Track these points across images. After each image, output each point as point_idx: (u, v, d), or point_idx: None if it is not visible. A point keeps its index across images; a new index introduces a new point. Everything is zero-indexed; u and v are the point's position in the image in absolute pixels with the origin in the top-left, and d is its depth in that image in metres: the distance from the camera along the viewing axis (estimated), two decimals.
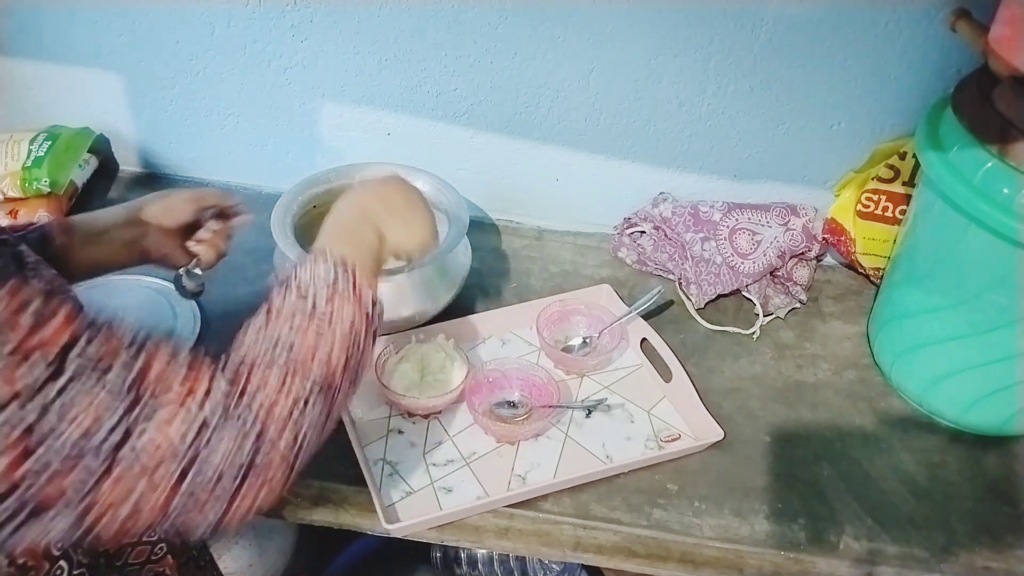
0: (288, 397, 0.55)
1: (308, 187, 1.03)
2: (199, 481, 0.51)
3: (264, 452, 0.53)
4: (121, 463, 0.48)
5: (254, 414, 0.53)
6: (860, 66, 1.01)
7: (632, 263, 1.16)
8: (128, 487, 0.49)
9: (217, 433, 0.51)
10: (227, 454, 0.51)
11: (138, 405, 0.49)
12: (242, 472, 0.52)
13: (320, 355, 0.58)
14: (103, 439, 0.47)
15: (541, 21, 1.02)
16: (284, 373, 0.55)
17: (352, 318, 0.61)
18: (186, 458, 0.50)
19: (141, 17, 1.09)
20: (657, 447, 0.90)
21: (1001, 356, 0.88)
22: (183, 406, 0.50)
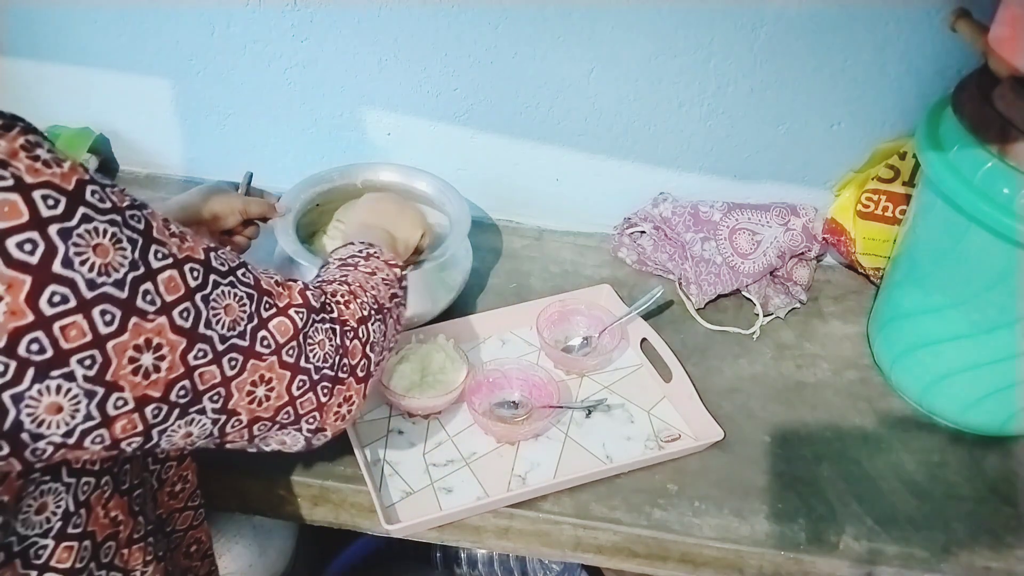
0: (356, 303, 0.66)
1: (311, 186, 1.03)
2: (312, 359, 0.60)
3: (350, 338, 0.63)
4: (263, 342, 0.57)
5: (338, 311, 0.64)
6: (860, 66, 1.01)
7: (632, 263, 1.16)
8: (267, 363, 0.57)
9: (319, 321, 0.61)
10: (326, 333, 0.62)
11: (262, 300, 0.58)
12: (337, 352, 0.62)
13: (370, 285, 0.70)
14: (247, 323, 0.56)
15: (541, 21, 1.02)
16: (349, 290, 0.67)
17: (385, 272, 0.74)
18: (301, 335, 0.59)
19: (141, 17, 1.09)
20: (657, 447, 0.90)
21: (1001, 356, 0.88)
22: (289, 300, 0.60)
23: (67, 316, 0.45)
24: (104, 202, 0.48)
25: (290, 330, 0.59)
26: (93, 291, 0.46)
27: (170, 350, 0.51)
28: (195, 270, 0.53)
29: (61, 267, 0.45)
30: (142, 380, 0.49)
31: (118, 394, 0.49)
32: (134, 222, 0.50)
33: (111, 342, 0.47)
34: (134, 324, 0.48)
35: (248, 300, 0.56)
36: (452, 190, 1.04)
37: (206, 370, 0.53)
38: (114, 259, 0.47)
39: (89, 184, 0.47)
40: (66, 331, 0.45)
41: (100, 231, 0.47)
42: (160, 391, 0.51)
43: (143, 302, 0.49)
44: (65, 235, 0.45)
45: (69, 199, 0.46)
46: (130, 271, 0.48)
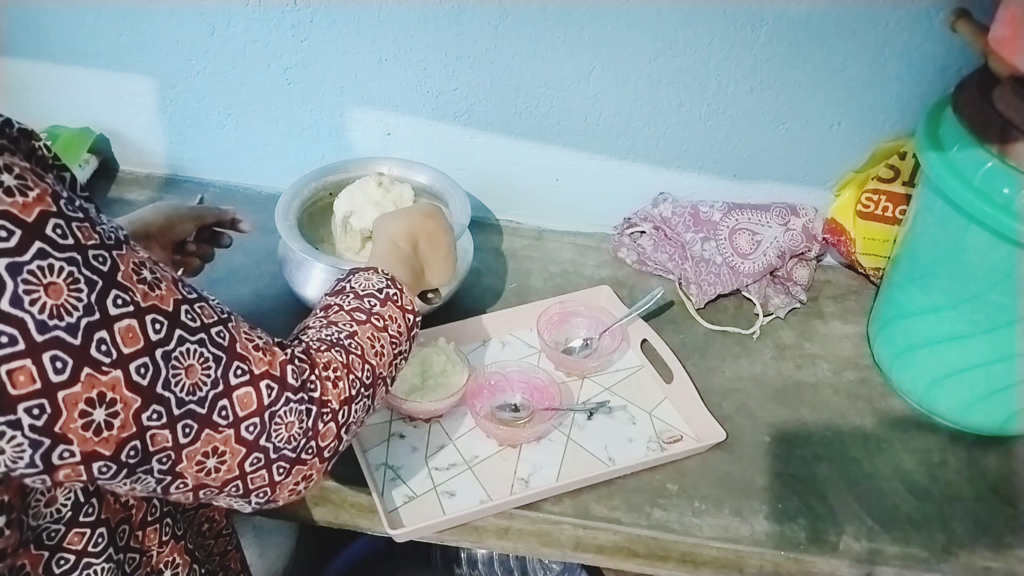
0: (350, 376, 0.62)
1: (313, 179, 1.04)
2: (273, 438, 0.56)
3: (325, 420, 0.59)
4: (221, 412, 0.53)
5: (322, 385, 0.59)
6: (860, 66, 1.01)
7: (632, 263, 1.16)
8: (222, 436, 0.53)
9: (293, 400, 0.57)
10: (298, 415, 0.57)
11: (232, 365, 0.54)
12: (306, 435, 0.58)
13: (376, 347, 0.66)
14: (209, 389, 0.52)
15: (541, 21, 1.02)
16: (348, 356, 0.63)
17: (399, 323, 0.69)
18: (267, 413, 0.55)
19: (141, 17, 1.09)
20: (659, 448, 0.90)
21: (1001, 356, 0.88)
22: (266, 370, 0.56)
23: (15, 360, 0.43)
24: (66, 238, 0.45)
25: (253, 404, 0.54)
26: (44, 334, 0.43)
27: (124, 408, 0.47)
28: (158, 322, 0.49)
29: (9, 306, 0.42)
30: (92, 436, 0.47)
31: (65, 446, 0.46)
32: (97, 263, 0.47)
33: (61, 392, 0.45)
34: (87, 375, 0.45)
35: (215, 363, 0.53)
36: (454, 184, 1.05)
37: (158, 433, 0.50)
38: (67, 300, 0.44)
39: (53, 217, 0.44)
40: (13, 376, 0.43)
41: (55, 269, 0.44)
42: (110, 450, 0.48)
43: (97, 352, 0.46)
44: (15, 271, 0.42)
45: (25, 232, 0.43)
46: (84, 316, 0.45)
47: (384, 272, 0.72)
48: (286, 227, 0.96)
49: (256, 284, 1.06)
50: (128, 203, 1.20)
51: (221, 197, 1.22)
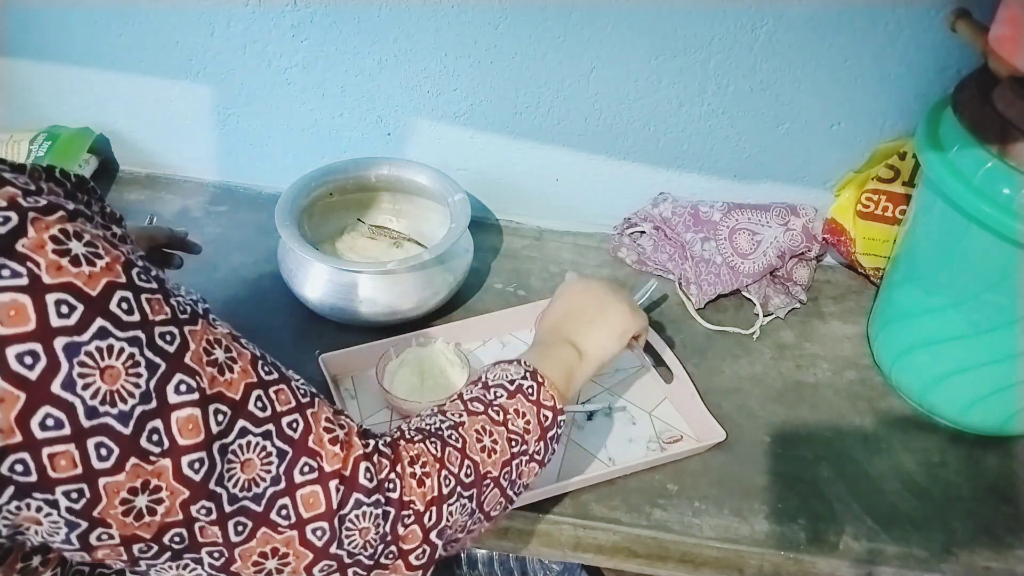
0: (442, 472, 0.56)
1: (313, 179, 1.04)
2: (346, 545, 0.51)
3: (407, 524, 0.54)
4: (281, 511, 0.48)
5: (403, 484, 0.54)
6: (860, 66, 1.01)
7: (632, 263, 1.16)
8: (283, 537, 0.49)
9: (365, 498, 0.52)
10: (373, 519, 0.52)
11: (299, 460, 0.49)
12: (383, 540, 0.53)
13: (485, 441, 0.59)
14: (268, 485, 0.48)
15: (541, 21, 1.02)
16: (444, 448, 0.57)
17: (527, 419, 0.62)
18: (336, 518, 0.50)
19: (141, 17, 1.09)
20: (659, 449, 0.90)
21: (1001, 356, 0.88)
22: (338, 468, 0.51)
23: (59, 444, 0.40)
24: (132, 313, 0.42)
25: (321, 506, 0.49)
26: (92, 420, 0.41)
27: (169, 496, 0.44)
28: (221, 412, 0.46)
29: (61, 388, 0.40)
30: (133, 521, 0.44)
31: (103, 529, 0.44)
32: (163, 342, 0.43)
33: (103, 479, 0.42)
34: (133, 465, 0.43)
35: (279, 458, 0.48)
36: (451, 182, 1.05)
37: (208, 527, 0.46)
38: (123, 386, 0.42)
39: (121, 289, 0.42)
40: (55, 459, 0.40)
41: (115, 350, 0.41)
42: (152, 533, 0.45)
43: (148, 442, 0.43)
44: (72, 351, 0.40)
45: (87, 307, 0.40)
46: (140, 404, 0.42)
47: (524, 364, 0.66)
48: (286, 227, 0.96)
49: (256, 284, 1.06)
50: (128, 203, 1.21)
51: (221, 197, 1.22)
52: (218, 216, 1.19)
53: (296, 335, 0.99)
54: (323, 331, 0.98)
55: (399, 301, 0.96)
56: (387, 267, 0.94)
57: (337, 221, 1.11)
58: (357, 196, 1.11)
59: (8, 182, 0.40)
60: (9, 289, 0.38)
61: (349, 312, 0.96)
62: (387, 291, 0.96)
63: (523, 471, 0.63)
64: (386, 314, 0.96)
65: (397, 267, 0.94)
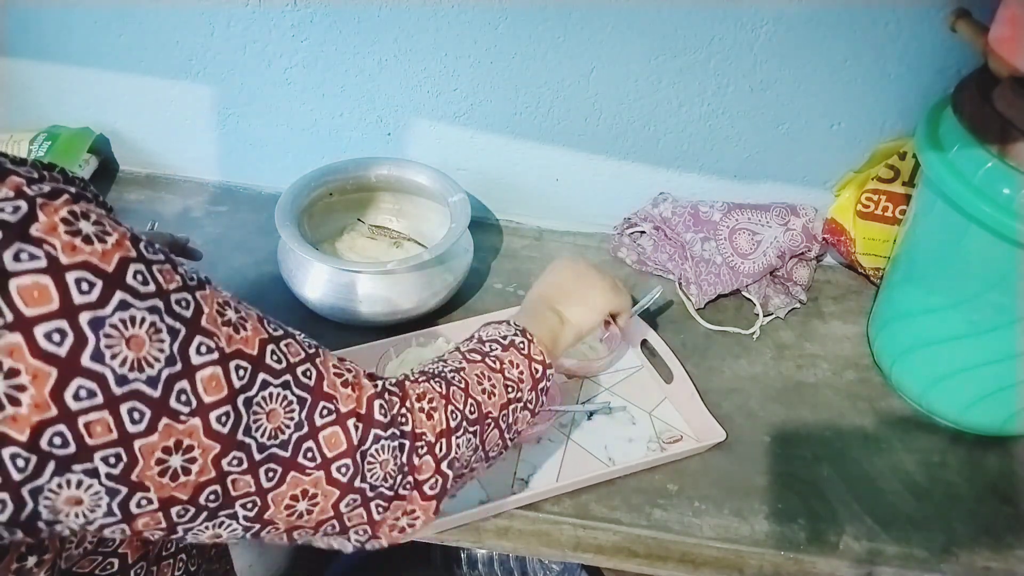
0: (448, 407, 0.59)
1: (313, 180, 1.04)
2: (369, 478, 0.54)
3: (420, 454, 0.57)
4: (307, 454, 0.51)
5: (414, 418, 0.57)
6: (860, 66, 1.01)
7: (632, 263, 1.16)
8: (311, 479, 0.51)
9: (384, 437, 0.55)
10: (391, 451, 0.55)
11: (318, 405, 0.52)
12: (401, 470, 0.56)
13: (485, 385, 0.63)
14: (292, 431, 0.50)
15: (541, 21, 1.02)
16: (449, 387, 0.60)
17: (520, 369, 0.66)
18: (358, 453, 0.53)
19: (141, 17, 1.09)
20: (659, 449, 0.90)
21: (1001, 356, 0.88)
22: (353, 407, 0.54)
23: (93, 412, 0.42)
24: (147, 284, 0.44)
25: (343, 444, 0.53)
26: (123, 387, 0.43)
27: (202, 453, 0.46)
28: (242, 368, 0.48)
29: (90, 360, 0.42)
30: (169, 482, 0.46)
31: (142, 494, 0.45)
32: (179, 308, 0.45)
33: (138, 441, 0.44)
34: (165, 425, 0.45)
35: (299, 405, 0.51)
36: (451, 182, 1.05)
37: (240, 478, 0.49)
38: (149, 352, 0.43)
39: (133, 263, 0.43)
40: (91, 427, 0.42)
41: (137, 320, 0.43)
42: (188, 494, 0.47)
43: (177, 402, 0.45)
44: (97, 325, 0.42)
45: (106, 282, 0.42)
46: (166, 367, 0.44)
47: (515, 323, 0.70)
48: (286, 227, 0.96)
49: (256, 284, 1.06)
50: (128, 203, 1.21)
51: (221, 197, 1.22)
52: (218, 216, 1.19)
53: None
54: (323, 331, 0.98)
55: (399, 301, 0.96)
56: (387, 267, 0.94)
57: (337, 221, 1.11)
58: (357, 196, 1.11)
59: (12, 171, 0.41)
60: (30, 272, 0.39)
61: (349, 312, 0.96)
62: (387, 291, 0.96)
63: (518, 417, 0.66)
64: (386, 314, 0.96)
65: (397, 267, 0.94)
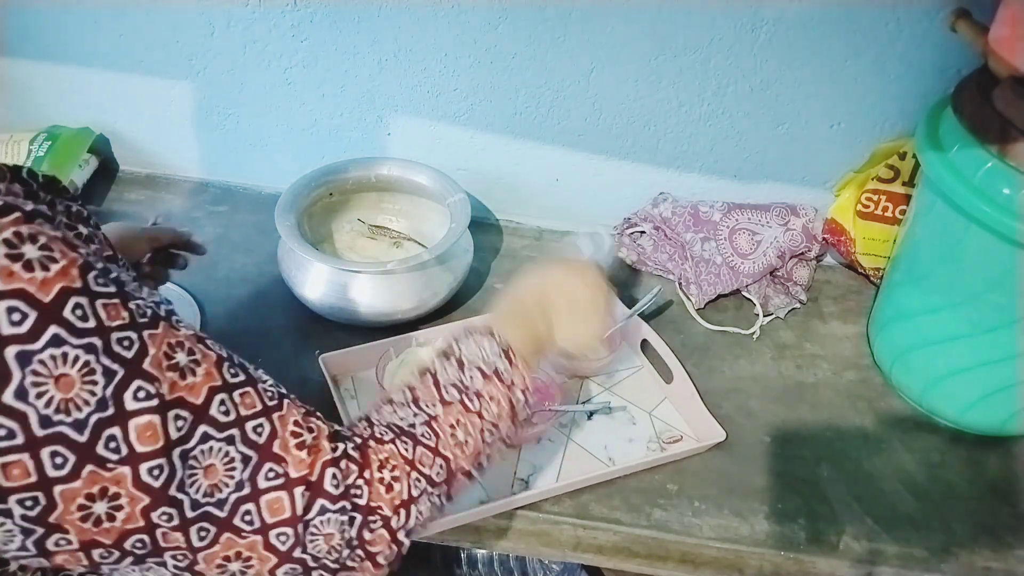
0: (412, 475, 0.55)
1: (313, 180, 1.04)
2: (310, 549, 0.50)
3: (373, 528, 0.53)
4: (244, 517, 0.48)
5: (371, 491, 0.53)
6: (860, 66, 1.01)
7: (632, 263, 1.16)
8: (247, 542, 0.48)
9: (330, 504, 0.51)
10: (338, 525, 0.51)
11: (263, 466, 0.48)
12: (350, 545, 0.52)
13: (459, 436, 0.58)
14: (231, 491, 0.47)
15: (541, 21, 1.02)
16: (415, 448, 0.56)
17: (499, 403, 0.61)
18: (300, 524, 0.50)
19: (141, 17, 1.09)
20: (659, 449, 0.90)
21: (1001, 356, 0.88)
22: (305, 474, 0.50)
23: (11, 453, 0.40)
24: (86, 320, 0.41)
25: (285, 512, 0.49)
26: (46, 430, 0.40)
27: (129, 503, 0.44)
28: (181, 418, 0.45)
29: (13, 398, 0.39)
30: (92, 527, 0.43)
31: (60, 535, 0.43)
32: (120, 348, 0.43)
33: (59, 487, 0.42)
34: (89, 472, 0.42)
35: (243, 464, 0.48)
36: (452, 182, 1.05)
37: (170, 533, 0.46)
38: (79, 394, 0.41)
39: (75, 295, 0.41)
40: (8, 469, 0.40)
41: (69, 359, 0.41)
42: (112, 539, 0.45)
43: (105, 449, 0.42)
44: (24, 360, 0.39)
45: (40, 314, 0.40)
46: (96, 411, 0.42)
47: (500, 338, 0.62)
48: (286, 227, 0.96)
49: (256, 285, 1.06)
50: (128, 203, 1.20)
51: (221, 197, 1.22)
52: (218, 216, 1.19)
53: (296, 335, 0.99)
54: (323, 331, 0.98)
55: (399, 301, 0.96)
56: (387, 267, 0.94)
57: (337, 221, 1.11)
58: (357, 196, 1.11)
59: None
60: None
61: (349, 312, 0.96)
62: (387, 291, 0.96)
63: (492, 455, 0.62)
64: (386, 314, 0.96)
65: (397, 267, 0.94)
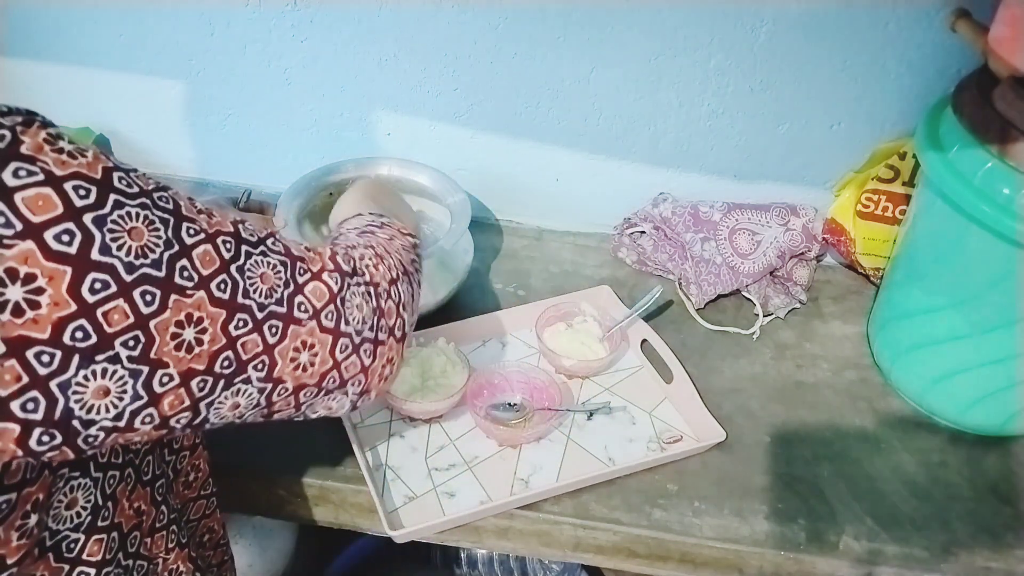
0: (384, 265, 0.65)
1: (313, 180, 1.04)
2: (352, 322, 0.60)
3: (383, 298, 0.63)
4: (300, 307, 0.57)
5: (369, 274, 0.63)
6: (860, 66, 1.01)
7: (632, 263, 1.16)
8: (307, 328, 0.57)
9: (351, 285, 0.61)
10: (363, 296, 0.61)
11: (296, 266, 0.58)
12: (375, 313, 0.62)
13: (392, 249, 0.69)
14: (283, 289, 0.56)
15: (541, 21, 1.02)
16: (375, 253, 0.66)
17: (402, 240, 0.72)
18: (338, 299, 0.59)
19: (141, 17, 1.09)
20: (659, 449, 0.90)
21: (1001, 356, 0.88)
22: (322, 265, 0.60)
23: (109, 301, 0.46)
24: (132, 187, 0.49)
25: (326, 294, 0.59)
26: (132, 274, 0.47)
27: (211, 323, 0.51)
28: (227, 242, 0.53)
29: (99, 254, 0.46)
30: (185, 355, 0.50)
31: (163, 371, 0.49)
32: (163, 203, 0.50)
33: (153, 321, 0.48)
34: (175, 301, 0.49)
35: (282, 267, 0.57)
36: (452, 182, 1.05)
37: (248, 339, 0.54)
38: (149, 240, 0.48)
39: (115, 171, 0.48)
40: (109, 316, 0.46)
41: (133, 215, 0.48)
42: (204, 364, 0.51)
43: (181, 279, 0.50)
44: (100, 222, 0.46)
45: (99, 187, 0.47)
46: (166, 250, 0.49)
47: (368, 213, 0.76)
48: (286, 227, 0.96)
49: None
50: None
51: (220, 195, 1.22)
52: None
53: None
54: None
55: None
56: None
57: None
58: None
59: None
60: (32, 185, 0.44)
61: None
62: None
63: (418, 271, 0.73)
64: None
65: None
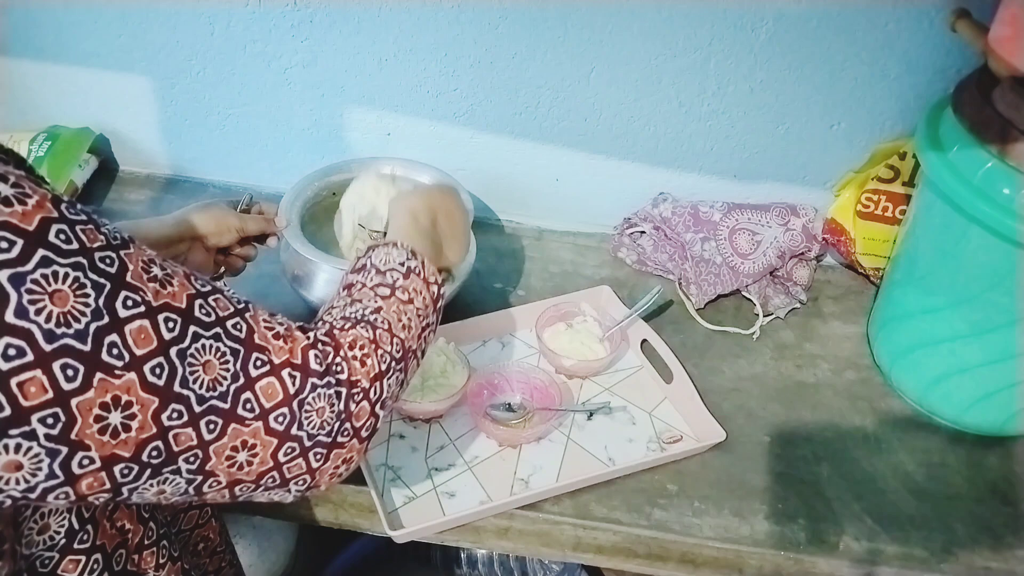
0: (379, 351, 0.60)
1: (314, 180, 1.04)
2: (306, 426, 0.55)
3: (357, 400, 0.57)
4: (245, 405, 0.52)
5: (349, 366, 0.58)
6: (860, 66, 1.01)
7: (632, 263, 1.16)
8: (250, 429, 0.52)
9: (320, 386, 0.55)
10: (328, 399, 0.56)
11: (251, 357, 0.53)
12: (339, 418, 0.56)
13: (404, 320, 0.64)
14: (230, 383, 0.51)
15: (541, 21, 1.02)
16: (375, 331, 0.61)
17: (423, 296, 0.67)
18: (295, 402, 0.54)
19: (141, 17, 1.09)
20: (659, 449, 0.90)
21: (1001, 356, 0.88)
22: (287, 358, 0.54)
23: (24, 371, 0.42)
24: (70, 243, 0.44)
25: (279, 395, 0.53)
26: (52, 343, 0.43)
27: (141, 409, 0.47)
28: (171, 320, 0.48)
29: (14, 317, 0.42)
30: (110, 439, 0.46)
31: (84, 453, 0.45)
32: (104, 265, 0.46)
33: (75, 399, 0.44)
34: (100, 380, 0.45)
35: (232, 357, 0.52)
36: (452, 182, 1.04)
37: (181, 432, 0.49)
38: (74, 307, 0.44)
39: (56, 223, 0.44)
40: (24, 387, 0.42)
41: (60, 276, 0.43)
42: (130, 451, 0.47)
43: (109, 356, 0.45)
44: (18, 281, 0.42)
45: (27, 241, 0.42)
46: (93, 320, 0.44)
47: (404, 245, 0.69)
48: (287, 227, 0.96)
49: (257, 285, 1.06)
50: (128, 203, 1.21)
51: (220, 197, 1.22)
52: None
53: None
54: None
55: None
56: None
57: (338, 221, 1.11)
58: None
59: None
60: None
61: None
62: None
63: (428, 339, 0.69)
64: None
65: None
